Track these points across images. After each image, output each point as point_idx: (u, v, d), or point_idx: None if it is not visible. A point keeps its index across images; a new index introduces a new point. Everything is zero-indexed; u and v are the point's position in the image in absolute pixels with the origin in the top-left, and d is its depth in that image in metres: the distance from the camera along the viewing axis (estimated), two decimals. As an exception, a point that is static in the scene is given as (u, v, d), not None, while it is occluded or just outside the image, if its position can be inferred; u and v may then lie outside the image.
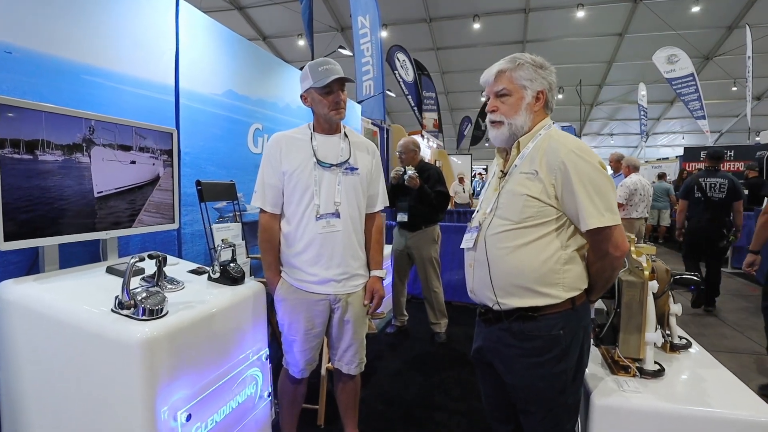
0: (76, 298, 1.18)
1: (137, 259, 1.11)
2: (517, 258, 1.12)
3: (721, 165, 4.10)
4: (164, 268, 1.52)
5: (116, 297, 1.11)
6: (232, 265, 1.54)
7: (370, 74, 6.10)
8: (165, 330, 1.11)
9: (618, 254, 1.09)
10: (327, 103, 1.55)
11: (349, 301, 1.62)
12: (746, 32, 8.92)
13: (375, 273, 1.70)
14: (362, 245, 1.68)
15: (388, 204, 1.80)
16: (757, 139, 10.60)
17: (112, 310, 1.11)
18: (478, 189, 13.54)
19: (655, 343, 1.34)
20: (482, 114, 13.75)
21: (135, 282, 1.32)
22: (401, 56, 8.92)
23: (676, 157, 12.26)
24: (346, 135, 1.66)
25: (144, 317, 1.10)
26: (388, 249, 4.16)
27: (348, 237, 1.59)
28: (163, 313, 1.14)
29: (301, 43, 11.87)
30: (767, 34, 9.96)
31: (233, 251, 1.54)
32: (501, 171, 1.23)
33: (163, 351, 1.10)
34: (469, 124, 13.98)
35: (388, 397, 2.44)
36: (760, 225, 2.63)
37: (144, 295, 1.12)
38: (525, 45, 12.64)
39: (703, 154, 7.74)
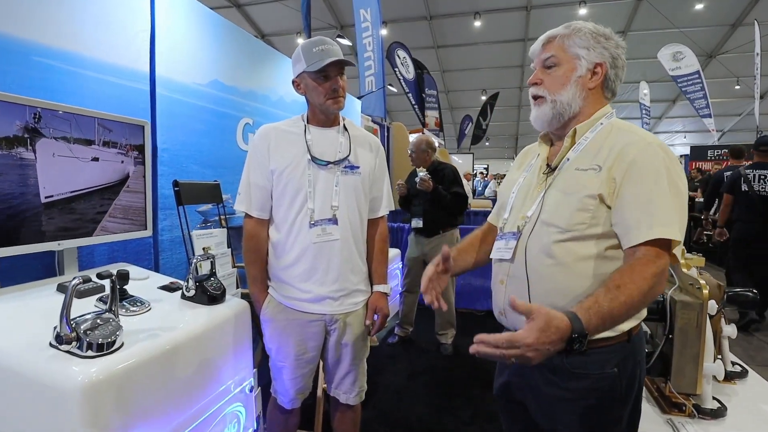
0: (8, 327, 0.95)
1: (80, 280, 0.88)
2: (567, 277, 0.89)
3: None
4: (135, 283, 1.30)
5: (54, 328, 0.88)
6: (211, 280, 1.31)
7: (371, 69, 5.88)
8: (117, 368, 0.88)
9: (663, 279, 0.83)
10: (323, 91, 1.32)
11: (347, 321, 1.39)
12: (755, 29, 8.71)
13: (378, 288, 1.47)
14: (363, 256, 1.46)
15: (393, 207, 1.57)
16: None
17: (51, 344, 0.89)
18: (480, 189, 13.32)
19: (714, 377, 1.13)
20: (483, 113, 13.55)
21: (89, 304, 1.09)
22: (401, 53, 8.69)
23: (680, 156, 12.07)
24: (345, 128, 1.44)
25: (89, 353, 0.87)
26: (392, 251, 3.93)
27: (347, 247, 1.37)
28: (115, 347, 0.91)
29: (300, 41, 11.63)
30: (770, 33, 9.80)
31: (212, 263, 1.31)
32: (547, 165, 0.99)
33: (115, 395, 0.87)
34: (470, 123, 13.76)
35: (391, 420, 2.22)
36: (721, 210, 3.97)
37: (90, 324, 0.89)
38: (526, 43, 12.45)
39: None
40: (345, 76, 1.38)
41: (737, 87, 13.11)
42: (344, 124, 1.45)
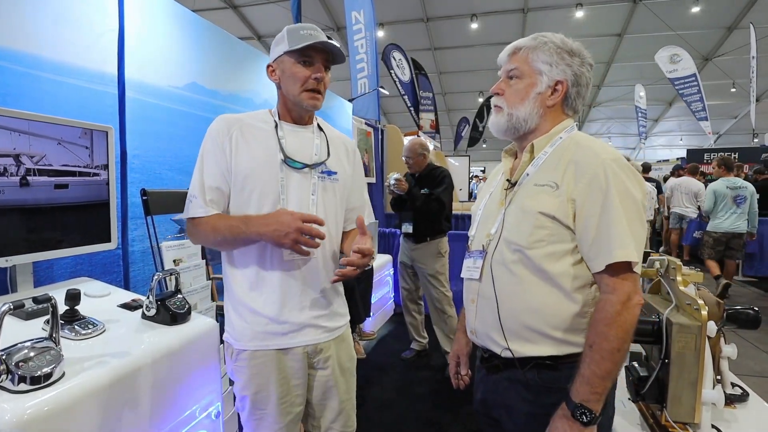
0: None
1: (10, 306, 0.80)
2: (533, 295, 0.89)
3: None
4: (92, 301, 1.22)
5: (-18, 360, 0.79)
6: (179, 296, 1.23)
7: (364, 72, 5.79)
8: (54, 403, 0.80)
9: (639, 302, 0.84)
10: (301, 78, 1.09)
11: (332, 350, 1.20)
12: (750, 31, 8.69)
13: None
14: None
15: (373, 219, 1.46)
16: (756, 140, 10.41)
17: (-21, 378, 0.80)
18: (476, 192, 13.25)
19: (714, 404, 1.04)
20: (480, 115, 13.48)
21: (33, 329, 1.01)
22: (397, 55, 8.60)
23: (677, 159, 12.04)
24: (320, 128, 1.23)
25: (22, 387, 0.79)
26: (384, 257, 3.84)
27: (326, 266, 1.17)
28: (53, 378, 0.83)
29: (295, 42, 11.55)
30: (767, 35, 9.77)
31: (177, 280, 1.22)
32: (507, 180, 0.99)
33: (51, 434, 0.79)
34: (467, 125, 13.69)
35: (377, 437, 2.13)
36: None
37: (25, 354, 0.81)
38: (523, 45, 12.39)
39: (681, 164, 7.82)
40: (330, 74, 1.17)
41: (733, 90, 13.12)
42: (318, 123, 1.24)
